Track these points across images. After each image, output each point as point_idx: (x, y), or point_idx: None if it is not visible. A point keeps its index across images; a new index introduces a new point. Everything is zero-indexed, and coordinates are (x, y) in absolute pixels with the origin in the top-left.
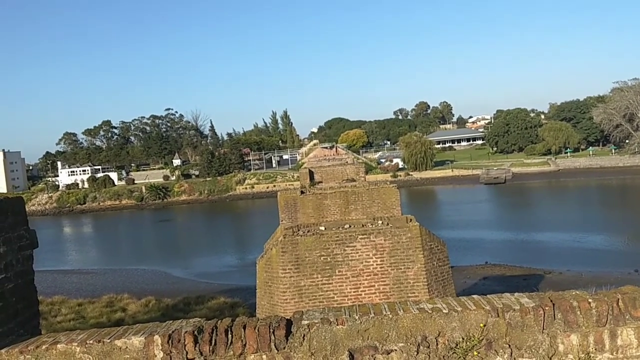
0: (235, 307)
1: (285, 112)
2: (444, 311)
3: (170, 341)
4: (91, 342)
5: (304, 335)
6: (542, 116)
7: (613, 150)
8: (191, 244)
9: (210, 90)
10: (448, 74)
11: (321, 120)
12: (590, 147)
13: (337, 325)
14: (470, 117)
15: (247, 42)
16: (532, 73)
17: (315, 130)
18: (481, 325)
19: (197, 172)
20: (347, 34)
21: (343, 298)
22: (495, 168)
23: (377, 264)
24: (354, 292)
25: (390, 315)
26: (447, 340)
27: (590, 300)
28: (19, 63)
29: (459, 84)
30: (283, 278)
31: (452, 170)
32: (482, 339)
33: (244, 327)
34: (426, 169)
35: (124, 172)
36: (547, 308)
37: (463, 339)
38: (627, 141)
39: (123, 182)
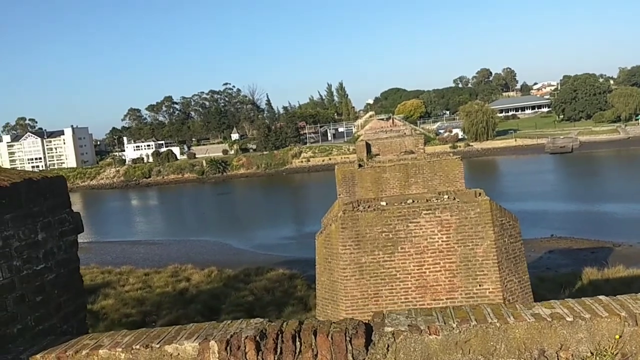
0: (293, 278)
1: (341, 84)
2: (568, 319)
3: (228, 348)
4: (138, 346)
5: (387, 346)
6: (612, 81)
7: None
8: (250, 216)
9: (267, 64)
10: (511, 39)
11: (377, 91)
12: None
13: (430, 334)
14: (535, 83)
15: (301, 14)
16: (601, 36)
17: (371, 101)
18: (616, 336)
19: (254, 146)
20: (401, 1)
21: (406, 276)
22: (561, 137)
23: (442, 241)
24: (417, 269)
25: (498, 324)
26: (572, 356)
27: None
28: (86, 42)
29: (523, 49)
30: (343, 254)
31: (516, 140)
32: (617, 354)
33: (315, 333)
34: (487, 139)
35: (185, 146)
36: None
37: (592, 353)
38: None
39: (185, 157)
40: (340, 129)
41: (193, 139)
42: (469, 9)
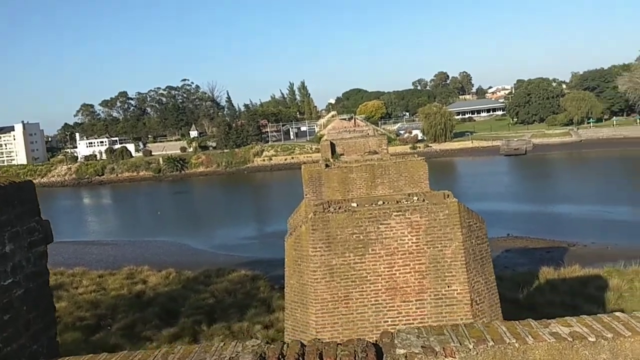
0: (256, 279)
1: (303, 83)
2: (590, 339)
3: None
4: None
5: None
6: (564, 86)
7: (638, 120)
8: (210, 215)
9: (227, 61)
10: (467, 44)
11: (339, 91)
12: (614, 117)
13: (445, 357)
14: (490, 87)
15: (262, 13)
16: (554, 41)
17: (332, 101)
18: None
19: (214, 144)
20: (363, 2)
21: (377, 277)
22: (515, 139)
23: (412, 242)
24: (387, 271)
25: (517, 344)
26: None
27: None
28: (36, 35)
29: (478, 54)
30: (313, 257)
31: (472, 142)
32: None
33: (320, 357)
34: (445, 141)
35: (140, 143)
36: None
37: None
38: None
39: (140, 154)
40: (303, 128)
41: (149, 136)
42: (426, 13)
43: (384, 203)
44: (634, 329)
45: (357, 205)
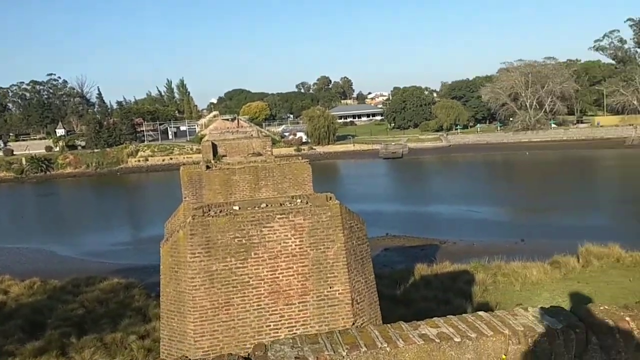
0: (130, 287)
1: (182, 81)
2: (455, 339)
3: None
4: None
5: None
6: (435, 94)
7: (499, 128)
8: (79, 220)
9: (98, 55)
10: (348, 50)
11: (221, 91)
12: (478, 124)
13: None
14: (370, 93)
15: (134, 6)
16: (426, 52)
17: (214, 101)
18: (503, 356)
19: (83, 143)
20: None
21: (259, 282)
22: (393, 143)
23: (295, 245)
24: (270, 275)
25: (389, 349)
26: None
27: (628, 318)
28: None
29: (358, 60)
30: (192, 263)
31: (354, 145)
32: None
33: None
34: (329, 143)
35: (1, 142)
36: (578, 330)
37: None
38: (511, 119)
39: (0, 153)
40: (183, 128)
41: (10, 134)
42: (309, 17)
43: (267, 206)
44: (495, 328)
45: (239, 208)
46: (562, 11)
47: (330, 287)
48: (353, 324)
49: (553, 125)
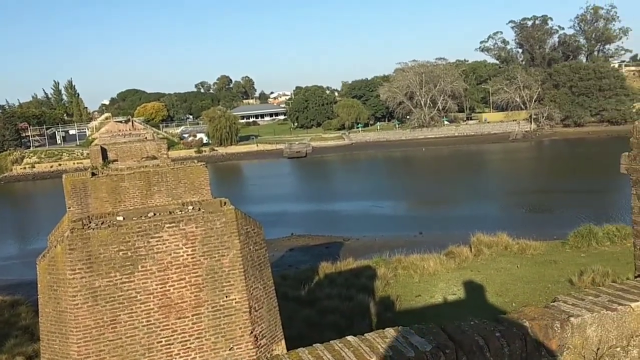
0: (16, 305)
1: (70, 82)
2: None
3: None
4: None
5: None
6: (337, 93)
7: (397, 125)
8: None
9: None
10: (249, 49)
11: (113, 91)
12: (378, 123)
13: None
14: (272, 92)
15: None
16: (327, 52)
17: (106, 102)
18: None
19: None
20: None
21: (148, 296)
22: (297, 142)
23: (187, 255)
24: (160, 288)
25: None
26: None
27: (498, 334)
28: None
29: (260, 59)
30: (72, 280)
31: (257, 145)
32: None
33: None
34: (231, 144)
35: None
36: (448, 351)
37: None
38: (408, 117)
39: None
40: (72, 132)
41: None
42: (207, 16)
43: (155, 214)
44: (362, 355)
45: (124, 218)
46: (450, 14)
47: (227, 297)
48: (251, 332)
49: (446, 122)
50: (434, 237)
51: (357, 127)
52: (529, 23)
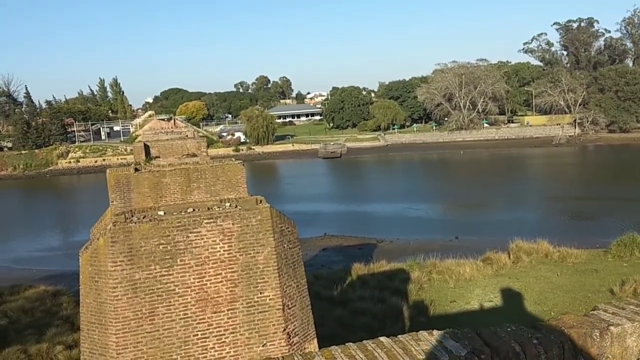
0: (58, 295)
1: (115, 80)
2: None
3: None
4: None
5: None
6: (373, 94)
7: (434, 127)
8: (5, 226)
9: (25, 53)
10: (287, 50)
11: (157, 90)
12: (415, 124)
13: None
14: (309, 93)
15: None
16: (364, 53)
17: (150, 100)
18: None
19: (10, 144)
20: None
21: (186, 290)
22: (332, 143)
23: (224, 250)
24: (198, 282)
25: None
26: None
27: (535, 341)
28: None
29: (297, 60)
30: (113, 272)
31: (293, 145)
32: None
33: None
34: (268, 143)
35: None
36: (483, 357)
37: None
38: (446, 119)
39: None
40: (116, 128)
41: None
42: (247, 15)
43: (194, 210)
44: (395, 357)
45: (165, 213)
46: (493, 14)
47: (261, 293)
48: (284, 329)
49: (485, 125)
50: (470, 242)
51: (393, 129)
52: (574, 25)
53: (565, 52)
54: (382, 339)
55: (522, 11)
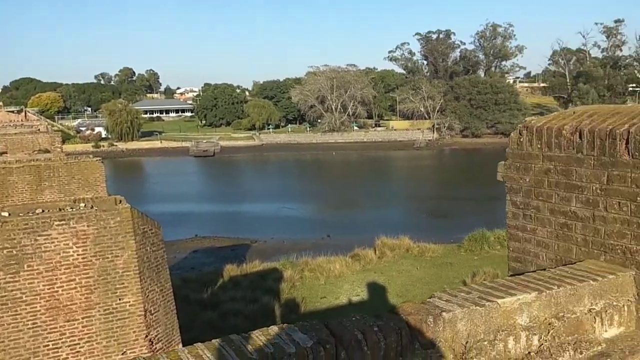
0: None
1: None
2: None
3: None
4: None
5: None
6: (247, 93)
7: (308, 128)
8: None
9: None
10: (155, 42)
11: (6, 79)
12: (289, 125)
13: None
14: (179, 88)
15: None
16: (239, 50)
17: None
18: None
19: None
20: None
21: (34, 297)
22: (204, 141)
23: (78, 254)
24: (48, 289)
25: None
26: None
27: (376, 328)
28: None
29: (166, 53)
30: None
31: (161, 142)
32: None
33: None
34: (132, 140)
35: None
36: (328, 346)
37: None
38: (319, 120)
39: None
40: None
41: None
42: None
43: (43, 211)
44: (243, 354)
45: (10, 214)
46: (361, 22)
47: (120, 299)
48: (146, 336)
49: (355, 128)
50: (341, 240)
51: (268, 128)
52: (434, 36)
53: (425, 62)
54: (232, 336)
55: (388, 20)
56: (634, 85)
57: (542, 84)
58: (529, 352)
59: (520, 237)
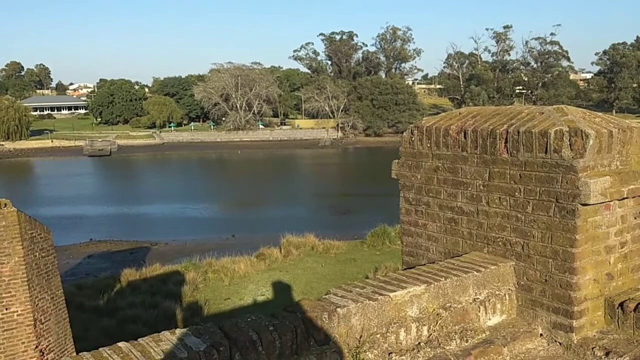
0: None
1: None
2: None
3: None
4: None
5: None
6: (147, 90)
7: (212, 127)
8: None
9: None
10: (45, 35)
11: None
12: (192, 123)
13: None
14: (72, 84)
15: None
16: (137, 45)
17: None
18: None
19: None
20: None
21: None
22: (100, 140)
23: None
24: None
25: None
26: None
27: (272, 328)
28: None
29: (58, 47)
30: None
31: (52, 141)
32: None
33: None
34: (21, 139)
35: None
36: (222, 349)
37: None
38: (224, 119)
39: None
40: None
41: None
42: None
43: None
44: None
45: None
46: (266, 19)
47: (7, 309)
48: (36, 347)
49: (261, 126)
50: (246, 239)
51: (170, 127)
52: (337, 37)
53: (329, 62)
54: (121, 344)
55: (293, 20)
56: (521, 87)
57: (438, 86)
58: (419, 343)
59: (413, 232)
